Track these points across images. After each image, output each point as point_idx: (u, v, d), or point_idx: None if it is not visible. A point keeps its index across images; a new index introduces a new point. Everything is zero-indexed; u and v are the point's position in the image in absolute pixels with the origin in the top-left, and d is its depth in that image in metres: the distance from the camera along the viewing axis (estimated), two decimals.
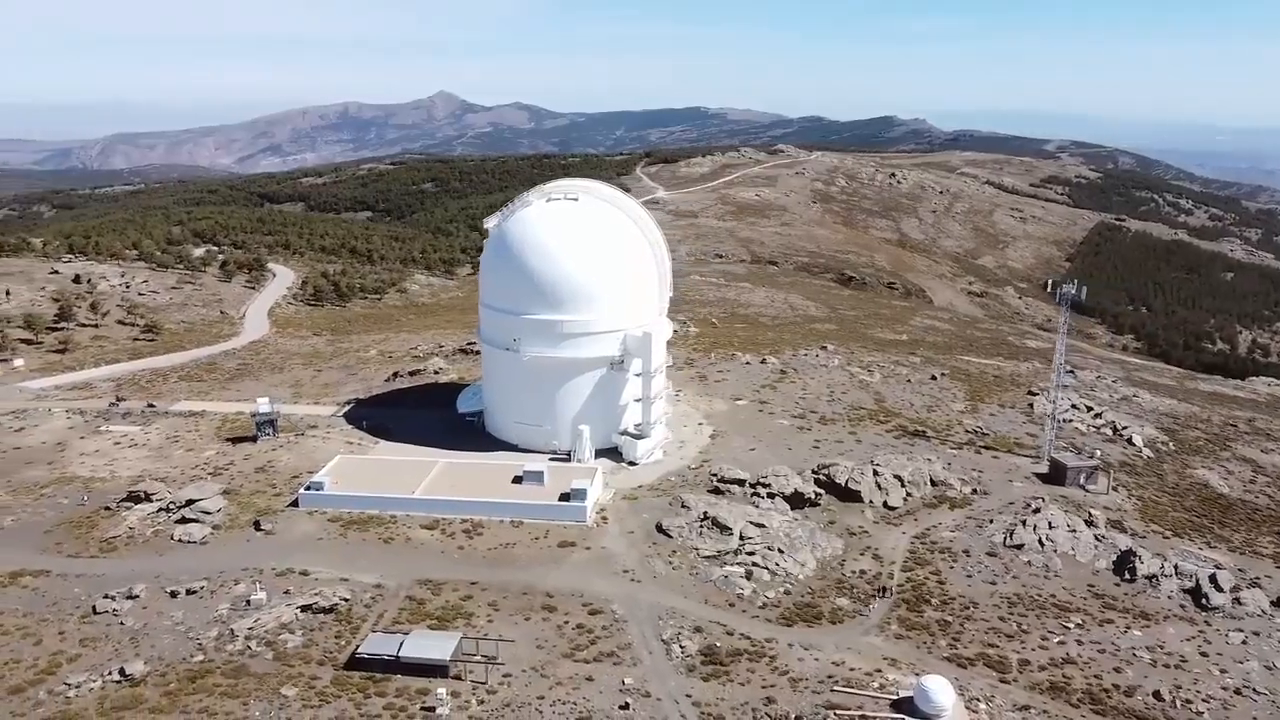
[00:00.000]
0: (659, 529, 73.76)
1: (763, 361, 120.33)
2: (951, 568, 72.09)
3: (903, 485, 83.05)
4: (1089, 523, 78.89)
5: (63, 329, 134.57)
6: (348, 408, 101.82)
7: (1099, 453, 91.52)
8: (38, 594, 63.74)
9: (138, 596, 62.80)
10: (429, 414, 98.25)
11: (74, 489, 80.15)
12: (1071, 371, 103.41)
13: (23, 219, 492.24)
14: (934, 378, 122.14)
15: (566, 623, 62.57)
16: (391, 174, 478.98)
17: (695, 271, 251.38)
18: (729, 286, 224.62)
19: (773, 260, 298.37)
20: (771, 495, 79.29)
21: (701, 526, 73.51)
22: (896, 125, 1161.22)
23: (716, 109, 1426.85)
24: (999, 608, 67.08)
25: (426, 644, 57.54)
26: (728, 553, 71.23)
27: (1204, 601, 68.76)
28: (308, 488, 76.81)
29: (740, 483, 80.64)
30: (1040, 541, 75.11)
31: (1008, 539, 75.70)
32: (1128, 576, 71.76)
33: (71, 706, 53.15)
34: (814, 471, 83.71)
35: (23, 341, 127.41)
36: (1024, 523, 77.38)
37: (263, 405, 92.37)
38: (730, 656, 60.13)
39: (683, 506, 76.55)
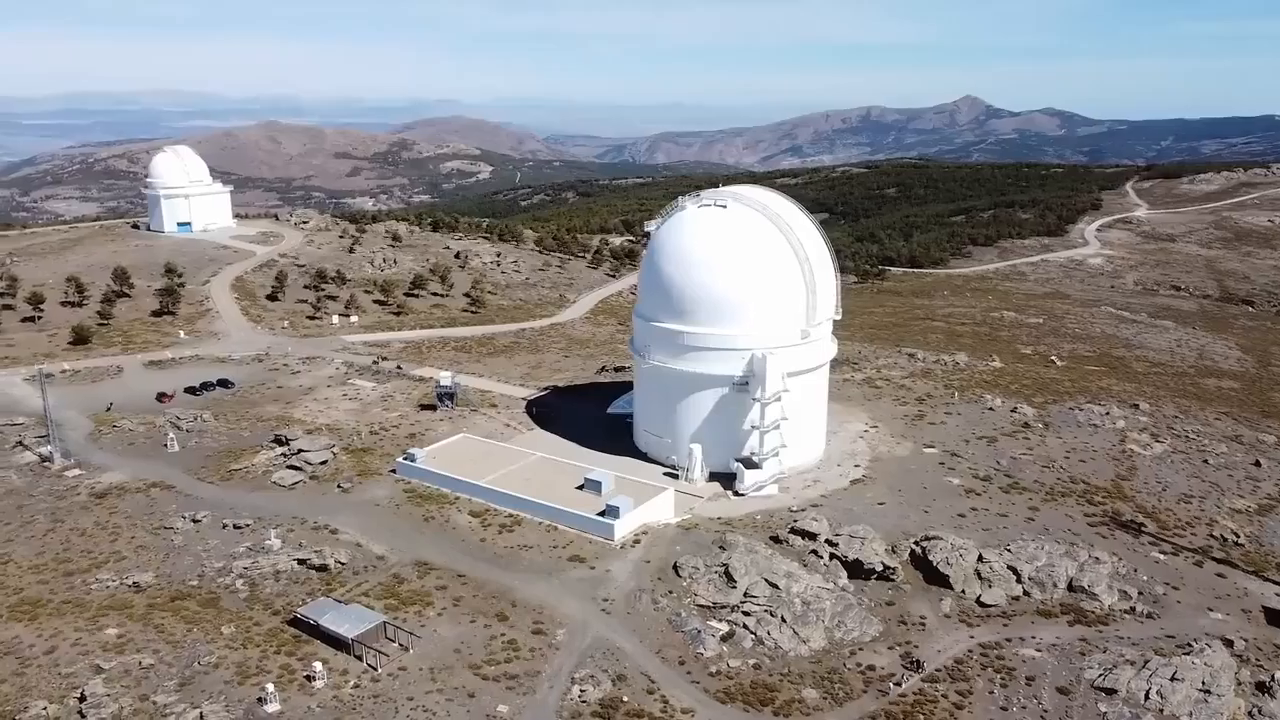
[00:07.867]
0: (674, 565, 67.85)
1: (1012, 410, 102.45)
2: (992, 693, 56.97)
3: (1018, 580, 66.82)
4: (1263, 688, 57.20)
5: (416, 295, 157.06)
6: (541, 394, 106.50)
7: None
8: (150, 503, 77.20)
9: (200, 521, 73.29)
10: (598, 410, 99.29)
11: (266, 426, 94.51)
12: None
13: (553, 203, 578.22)
14: (1257, 463, 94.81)
15: (503, 635, 60.88)
16: (859, 177, 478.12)
17: (1116, 302, 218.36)
18: (1139, 324, 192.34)
19: (1248, 300, 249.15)
20: (833, 557, 68.62)
21: (714, 573, 66.21)
22: None
23: None
24: None
25: (344, 619, 59.81)
26: (724, 606, 63.51)
27: None
28: (404, 458, 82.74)
29: (811, 536, 70.81)
30: (1146, 693, 56.19)
31: (1104, 677, 57.70)
32: None
33: (86, 598, 64.24)
34: (915, 542, 70.73)
35: (375, 302, 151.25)
36: (1146, 662, 58.38)
37: (444, 379, 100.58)
38: (627, 716, 54.29)
39: (720, 548, 69.43)
